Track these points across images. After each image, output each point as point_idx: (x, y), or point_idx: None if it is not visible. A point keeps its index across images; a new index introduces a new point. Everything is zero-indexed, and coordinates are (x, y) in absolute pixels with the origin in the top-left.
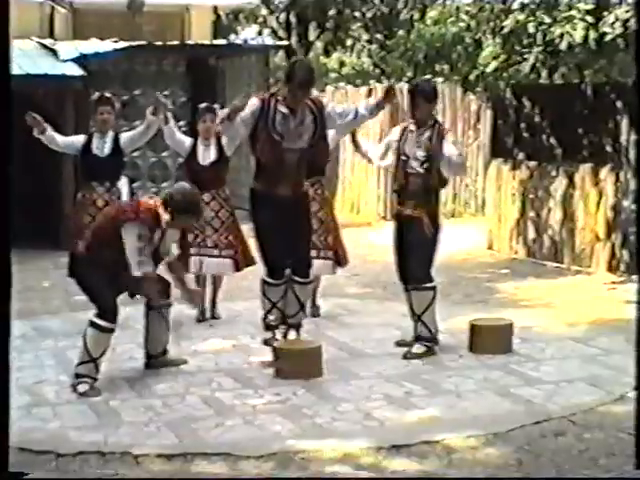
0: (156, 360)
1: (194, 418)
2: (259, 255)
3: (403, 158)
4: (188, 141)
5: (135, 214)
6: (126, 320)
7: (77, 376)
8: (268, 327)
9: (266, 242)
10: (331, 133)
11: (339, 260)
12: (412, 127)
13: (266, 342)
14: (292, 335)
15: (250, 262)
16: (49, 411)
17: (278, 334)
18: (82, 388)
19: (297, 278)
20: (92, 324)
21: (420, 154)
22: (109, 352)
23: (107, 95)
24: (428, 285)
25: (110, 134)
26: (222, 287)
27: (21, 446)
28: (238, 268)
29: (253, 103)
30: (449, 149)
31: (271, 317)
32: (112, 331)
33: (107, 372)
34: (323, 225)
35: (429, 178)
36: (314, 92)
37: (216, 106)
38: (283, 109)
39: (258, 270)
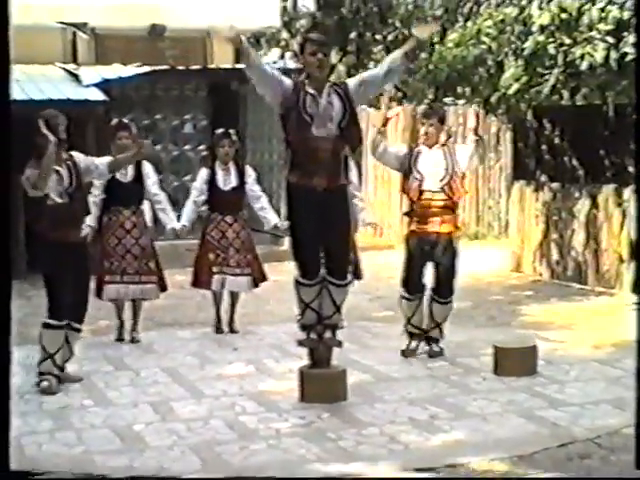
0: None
1: (218, 442)
2: (292, 253)
3: (417, 177)
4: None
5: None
6: (150, 344)
7: (40, 374)
8: (303, 327)
9: (300, 239)
10: None
11: (357, 274)
12: (422, 148)
13: (300, 343)
14: (327, 335)
15: (264, 278)
16: (73, 435)
17: (313, 334)
18: (44, 384)
19: (333, 280)
20: (44, 325)
21: (438, 171)
22: (133, 376)
23: (125, 121)
24: (451, 299)
25: None
26: (245, 311)
27: (46, 470)
28: (256, 284)
29: (287, 81)
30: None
31: (306, 318)
32: (62, 328)
33: (131, 396)
34: None
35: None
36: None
37: (231, 131)
38: (310, 90)
39: (280, 295)
